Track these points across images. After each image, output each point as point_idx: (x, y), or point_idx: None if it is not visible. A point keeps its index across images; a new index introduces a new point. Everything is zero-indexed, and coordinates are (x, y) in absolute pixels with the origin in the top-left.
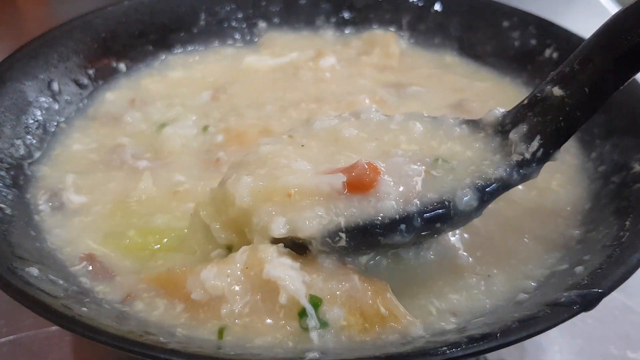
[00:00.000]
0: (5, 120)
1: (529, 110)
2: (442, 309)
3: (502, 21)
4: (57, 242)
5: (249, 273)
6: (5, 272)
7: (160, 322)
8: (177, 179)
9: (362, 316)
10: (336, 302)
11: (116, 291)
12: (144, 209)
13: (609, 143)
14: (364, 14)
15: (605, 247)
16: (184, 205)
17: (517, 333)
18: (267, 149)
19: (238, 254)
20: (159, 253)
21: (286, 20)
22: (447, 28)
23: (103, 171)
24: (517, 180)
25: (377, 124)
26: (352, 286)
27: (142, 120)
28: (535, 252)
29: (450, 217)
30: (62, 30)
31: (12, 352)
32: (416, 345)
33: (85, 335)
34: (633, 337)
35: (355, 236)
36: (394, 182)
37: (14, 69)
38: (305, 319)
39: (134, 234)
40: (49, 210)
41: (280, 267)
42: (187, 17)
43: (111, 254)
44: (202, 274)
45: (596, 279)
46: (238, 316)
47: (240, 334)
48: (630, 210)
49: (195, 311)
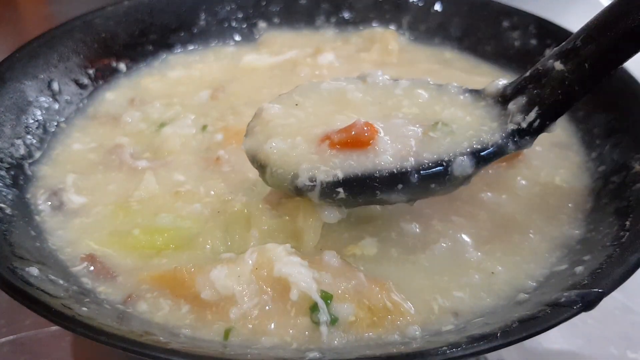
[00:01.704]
0: (5, 120)
1: (529, 82)
2: (444, 307)
3: (502, 21)
4: (58, 242)
5: (259, 273)
6: (6, 272)
7: (164, 322)
8: (177, 178)
9: (370, 311)
10: (346, 298)
11: (117, 291)
12: (147, 209)
13: (609, 143)
14: (364, 14)
15: (605, 247)
16: (189, 205)
17: (518, 333)
18: (272, 112)
19: (247, 254)
20: (166, 251)
21: (286, 20)
22: (447, 28)
23: (102, 172)
24: (511, 148)
25: (382, 88)
26: (359, 282)
27: (141, 120)
28: (539, 250)
29: (445, 178)
30: (62, 30)
31: (12, 352)
32: (416, 345)
33: (85, 335)
34: (633, 337)
35: (353, 188)
36: (391, 140)
37: (14, 69)
38: (316, 314)
39: (139, 232)
40: (49, 210)
41: (290, 265)
42: (187, 17)
43: (113, 254)
44: (212, 274)
45: (596, 279)
46: (247, 317)
47: (248, 335)
48: (631, 210)
49: (202, 312)
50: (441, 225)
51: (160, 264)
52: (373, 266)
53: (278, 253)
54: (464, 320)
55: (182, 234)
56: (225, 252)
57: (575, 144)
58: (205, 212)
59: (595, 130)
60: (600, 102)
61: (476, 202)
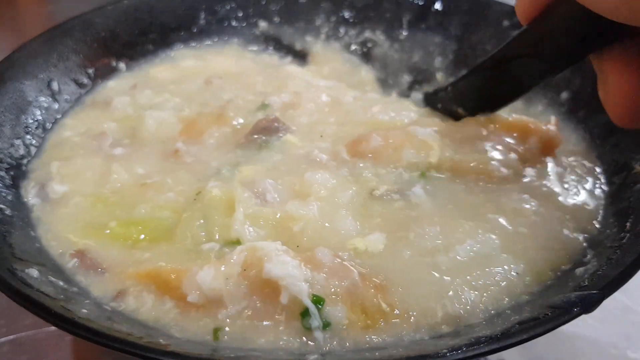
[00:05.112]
0: (5, 120)
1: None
2: (449, 310)
3: (502, 21)
4: (45, 235)
5: (248, 274)
6: (6, 274)
7: (152, 320)
8: (142, 170)
9: (363, 312)
10: (338, 300)
11: (108, 288)
12: (124, 201)
13: (609, 143)
14: (364, 13)
15: (605, 248)
16: (163, 195)
17: (518, 335)
18: None
19: (236, 253)
20: (143, 243)
21: (286, 19)
22: (447, 27)
23: (82, 157)
24: None
25: None
26: (353, 282)
27: (129, 104)
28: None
29: None
30: (61, 30)
31: (12, 352)
32: (416, 347)
33: (85, 338)
34: (633, 337)
35: None
36: None
37: (14, 69)
38: (308, 319)
39: (116, 225)
40: (39, 203)
41: (281, 266)
42: (187, 16)
43: (99, 249)
44: (199, 277)
45: (597, 280)
46: (235, 319)
47: (238, 338)
48: (631, 211)
49: (188, 312)
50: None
51: (144, 259)
52: (376, 263)
53: (269, 252)
54: (465, 323)
55: (160, 225)
56: (207, 242)
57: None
58: (180, 200)
59: (595, 130)
60: (600, 102)
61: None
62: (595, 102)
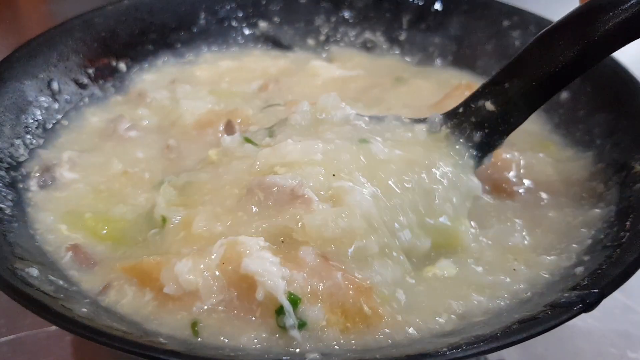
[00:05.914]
0: (5, 120)
1: (464, 118)
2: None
3: (502, 21)
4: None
5: (225, 268)
6: (6, 273)
7: (132, 312)
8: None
9: (343, 315)
10: (317, 300)
11: (96, 282)
12: (112, 195)
13: (609, 143)
14: (364, 13)
15: (605, 247)
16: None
17: (518, 334)
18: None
19: (216, 247)
20: (107, 242)
21: (286, 19)
22: (447, 27)
23: (98, 142)
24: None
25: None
26: (334, 283)
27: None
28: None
29: None
30: (61, 30)
31: (12, 352)
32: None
33: (85, 337)
34: (633, 337)
35: None
36: None
37: (14, 69)
38: (282, 317)
39: (90, 217)
40: (38, 190)
41: (259, 261)
42: (187, 16)
43: (91, 242)
44: (177, 268)
45: (596, 279)
46: (211, 313)
47: (215, 330)
48: (631, 210)
49: (165, 304)
50: None
51: (125, 256)
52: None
53: (249, 247)
54: (465, 321)
55: (119, 226)
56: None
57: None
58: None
59: (595, 130)
60: (600, 102)
61: None
62: (596, 102)
